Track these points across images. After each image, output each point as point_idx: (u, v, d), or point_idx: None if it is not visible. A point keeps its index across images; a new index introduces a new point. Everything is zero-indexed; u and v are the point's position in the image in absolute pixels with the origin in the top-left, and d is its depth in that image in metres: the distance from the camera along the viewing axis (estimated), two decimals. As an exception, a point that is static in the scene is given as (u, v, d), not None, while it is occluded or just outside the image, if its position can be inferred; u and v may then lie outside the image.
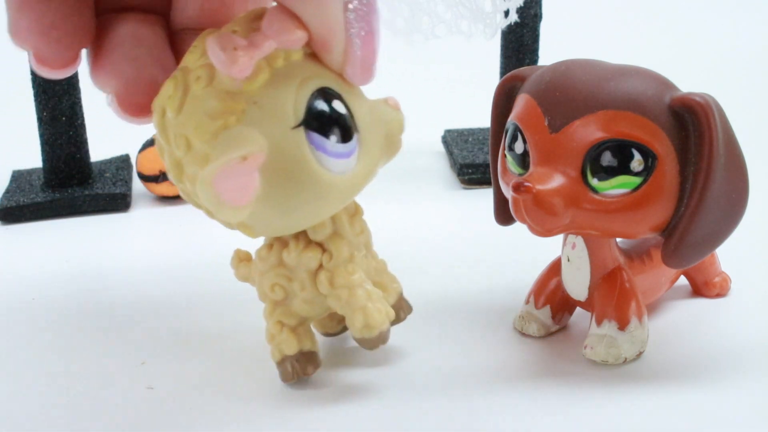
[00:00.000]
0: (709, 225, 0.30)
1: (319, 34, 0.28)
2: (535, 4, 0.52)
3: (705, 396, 0.31)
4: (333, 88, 0.28)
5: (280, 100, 0.27)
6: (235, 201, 0.26)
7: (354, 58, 0.28)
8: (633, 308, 0.33)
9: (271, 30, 0.27)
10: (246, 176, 0.26)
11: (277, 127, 0.27)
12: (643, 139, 0.29)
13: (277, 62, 0.27)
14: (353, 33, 0.28)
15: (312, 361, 0.32)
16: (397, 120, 0.30)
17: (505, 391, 0.32)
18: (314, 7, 0.27)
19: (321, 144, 0.28)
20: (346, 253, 0.31)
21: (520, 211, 0.30)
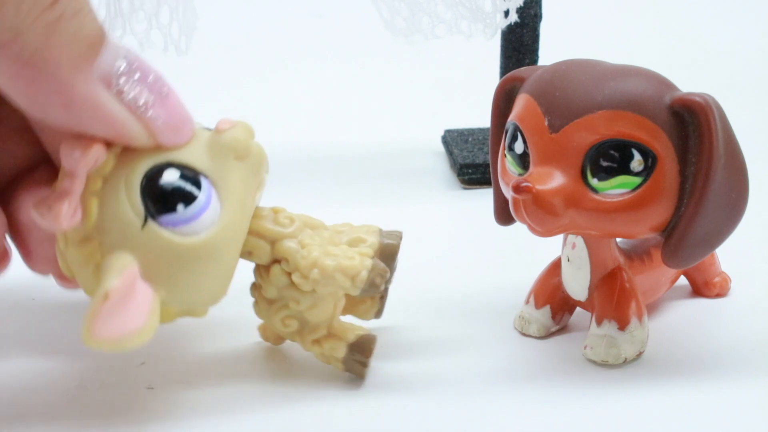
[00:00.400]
0: (709, 225, 0.30)
1: (115, 135, 0.28)
2: (535, 4, 0.52)
3: (705, 396, 0.31)
4: (158, 162, 0.28)
5: (119, 214, 0.28)
6: (129, 328, 0.27)
7: (159, 129, 0.28)
8: (633, 308, 0.33)
9: (72, 164, 0.27)
10: (123, 304, 0.27)
11: (130, 237, 0.28)
12: (643, 139, 0.29)
13: (96, 184, 0.28)
14: (142, 110, 0.28)
15: (365, 343, 0.32)
16: (232, 138, 0.29)
17: (505, 391, 0.32)
18: (94, 117, 0.27)
19: (175, 220, 0.28)
20: (293, 246, 0.31)
21: (520, 212, 0.30)
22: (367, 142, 0.61)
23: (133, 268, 0.28)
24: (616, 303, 0.33)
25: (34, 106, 0.27)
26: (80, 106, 0.27)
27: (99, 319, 0.26)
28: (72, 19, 0.26)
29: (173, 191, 0.28)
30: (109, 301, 0.26)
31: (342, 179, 0.55)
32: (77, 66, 0.26)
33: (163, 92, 0.28)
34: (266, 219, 0.31)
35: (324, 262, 0.30)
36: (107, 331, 0.26)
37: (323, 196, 0.52)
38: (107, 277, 0.27)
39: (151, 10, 0.48)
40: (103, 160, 0.28)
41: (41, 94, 0.26)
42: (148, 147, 0.28)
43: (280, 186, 0.54)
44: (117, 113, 0.27)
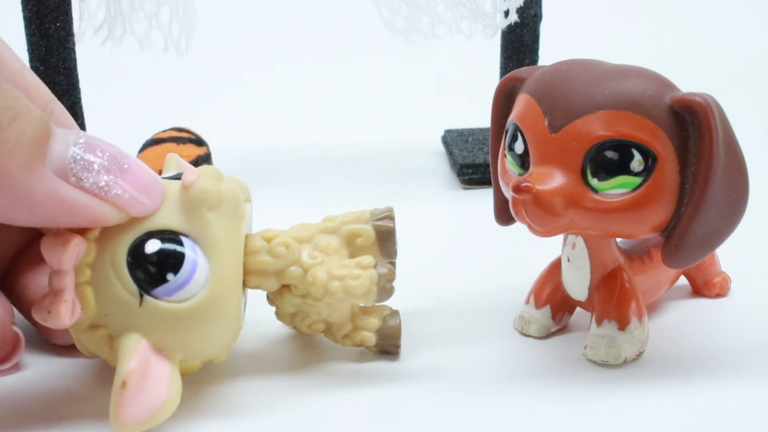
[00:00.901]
0: (709, 225, 0.30)
1: (86, 223, 0.28)
2: (535, 4, 0.52)
3: (705, 396, 0.31)
4: (137, 236, 0.29)
5: (115, 297, 0.29)
6: (155, 405, 0.28)
7: (128, 203, 0.28)
8: (633, 308, 0.33)
9: (55, 262, 0.28)
10: (142, 385, 0.28)
11: (132, 316, 0.29)
12: (643, 139, 0.29)
13: (85, 274, 0.29)
14: (106, 191, 0.28)
15: (392, 328, 0.33)
16: (199, 191, 0.29)
17: (505, 391, 0.32)
18: (59, 212, 0.27)
19: (168, 289, 0.29)
20: (297, 272, 0.31)
21: (520, 212, 0.30)
22: (367, 142, 0.61)
23: (143, 345, 0.28)
24: (616, 303, 0.33)
25: (1, 216, 0.27)
26: (44, 206, 0.27)
27: (124, 406, 0.27)
28: (9, 127, 0.26)
29: (159, 261, 0.29)
30: (129, 387, 0.27)
31: (342, 179, 0.55)
32: (29, 169, 0.26)
33: (122, 166, 0.28)
34: (262, 253, 0.31)
35: (332, 287, 0.31)
36: (135, 415, 0.27)
37: (323, 195, 0.52)
38: (120, 363, 0.28)
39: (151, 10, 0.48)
40: (85, 250, 0.28)
41: (2, 206, 0.27)
42: (123, 221, 0.29)
43: (281, 186, 0.54)
44: (82, 202, 0.27)
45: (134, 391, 0.27)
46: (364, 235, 0.32)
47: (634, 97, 0.29)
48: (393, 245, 0.33)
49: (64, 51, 0.48)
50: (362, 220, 0.33)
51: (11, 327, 0.32)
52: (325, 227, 0.32)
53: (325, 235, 0.32)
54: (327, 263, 0.31)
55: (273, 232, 0.32)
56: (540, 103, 0.31)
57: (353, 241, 0.32)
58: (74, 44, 0.48)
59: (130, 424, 0.27)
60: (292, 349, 0.35)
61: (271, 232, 0.32)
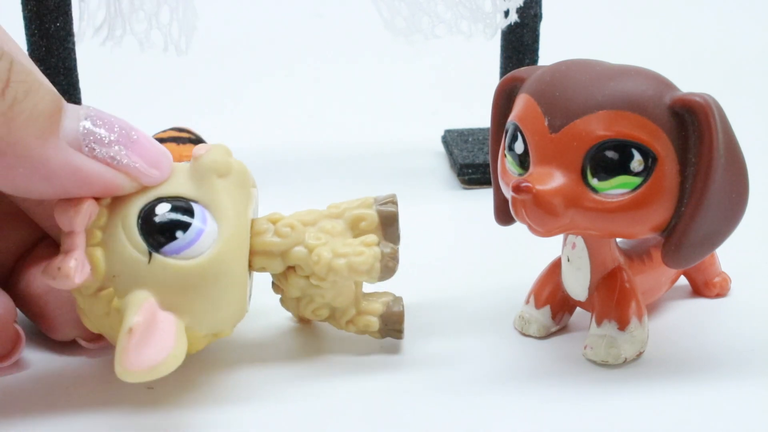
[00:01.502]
0: (709, 225, 0.30)
1: (100, 191, 0.29)
2: (535, 4, 0.52)
3: (705, 396, 0.31)
4: (147, 201, 0.30)
5: (125, 256, 0.29)
6: (161, 356, 0.28)
7: (139, 173, 0.29)
8: (633, 308, 0.33)
9: (67, 224, 0.29)
10: (148, 336, 0.28)
11: (141, 274, 0.29)
12: (643, 139, 0.29)
13: (96, 237, 0.29)
14: (118, 161, 0.29)
15: (395, 313, 0.34)
16: (210, 160, 0.31)
17: (505, 391, 0.32)
18: (75, 182, 0.28)
19: (177, 247, 0.29)
20: (302, 252, 0.32)
21: (520, 212, 0.30)
22: (367, 142, 0.61)
23: (150, 300, 0.29)
24: (616, 303, 0.33)
25: (18, 189, 0.28)
26: (60, 175, 0.28)
27: (128, 353, 0.27)
28: (24, 100, 0.27)
29: (169, 221, 0.29)
30: (134, 335, 0.27)
31: (342, 179, 0.55)
32: (44, 140, 0.27)
33: (132, 138, 0.29)
34: (267, 233, 0.32)
35: (336, 264, 0.31)
36: (140, 363, 0.27)
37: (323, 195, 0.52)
38: (128, 314, 0.28)
39: (151, 10, 0.48)
40: (97, 212, 0.29)
41: (20, 177, 0.27)
42: (136, 190, 0.30)
43: (280, 186, 0.54)
44: (96, 171, 0.28)
45: (140, 340, 0.28)
46: (368, 219, 0.33)
47: (634, 97, 0.29)
48: (396, 230, 0.33)
49: (64, 51, 0.48)
50: (366, 206, 0.33)
51: (13, 324, 0.32)
52: (329, 213, 0.33)
53: (330, 220, 0.33)
54: (331, 243, 0.32)
55: (278, 215, 0.32)
56: (540, 103, 0.31)
57: (357, 225, 0.33)
58: (74, 44, 0.48)
59: (134, 371, 0.27)
60: (295, 340, 0.35)
61: (276, 215, 0.32)
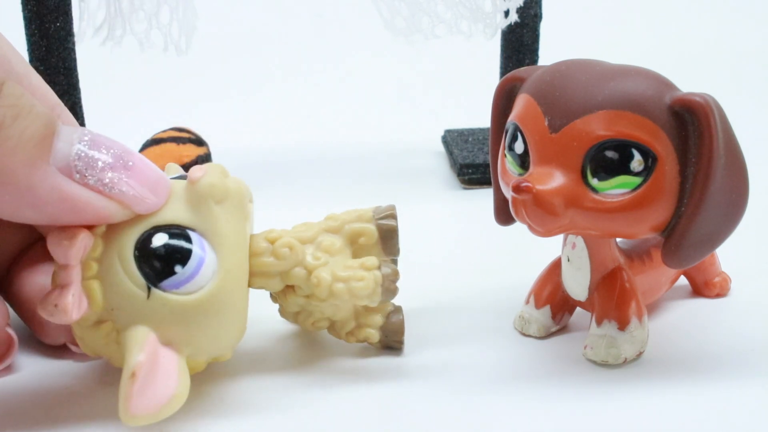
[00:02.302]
0: (709, 225, 0.30)
1: (91, 220, 0.28)
2: (535, 4, 0.52)
3: (705, 396, 0.31)
4: (143, 230, 0.29)
5: (122, 290, 0.28)
6: (165, 397, 0.28)
7: (133, 200, 0.28)
8: (633, 308, 0.33)
9: (62, 257, 0.28)
10: (151, 377, 0.28)
11: (140, 309, 0.28)
12: (643, 139, 0.29)
13: (92, 269, 0.29)
14: (110, 188, 0.28)
15: (395, 325, 0.33)
16: (206, 185, 0.29)
17: (505, 391, 0.32)
18: (64, 209, 0.27)
19: (176, 282, 0.29)
20: (301, 273, 0.31)
21: (520, 212, 0.30)
22: (367, 142, 0.61)
23: (151, 338, 0.28)
24: (616, 303, 0.33)
25: (4, 214, 0.27)
26: (47, 202, 0.27)
27: (133, 398, 0.27)
28: (12, 125, 0.26)
29: (167, 254, 0.29)
30: (138, 379, 0.27)
31: (342, 179, 0.55)
32: (32, 166, 0.26)
33: (127, 163, 0.28)
34: (265, 255, 0.31)
35: (337, 289, 0.31)
36: (144, 408, 0.27)
37: (323, 195, 0.52)
38: (129, 356, 0.28)
39: (151, 10, 0.48)
40: (92, 244, 0.28)
41: (7, 203, 0.27)
42: (129, 218, 0.29)
43: (280, 186, 0.54)
44: (86, 199, 0.27)
45: (143, 382, 0.27)
46: (367, 234, 0.33)
47: (634, 97, 0.29)
48: (395, 243, 0.33)
49: (64, 51, 0.48)
50: (365, 219, 0.33)
51: (5, 329, 0.32)
52: (327, 226, 0.33)
53: (329, 235, 0.32)
54: (331, 264, 0.31)
55: (276, 233, 0.32)
56: (540, 103, 0.31)
57: (356, 240, 0.33)
58: (74, 44, 0.48)
59: (139, 416, 0.27)
60: (295, 347, 0.35)
61: (274, 233, 0.32)
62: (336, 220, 0.33)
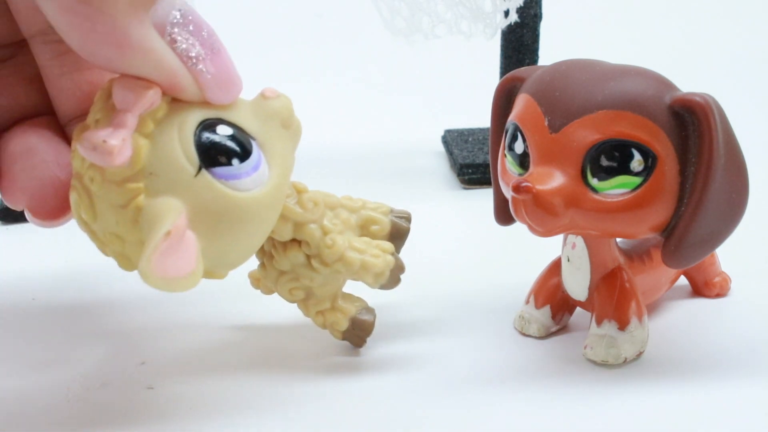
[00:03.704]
0: (709, 225, 0.30)
1: (164, 83, 0.28)
2: (535, 4, 0.52)
3: (705, 396, 0.31)
4: (209, 117, 0.29)
5: (171, 159, 0.28)
6: (183, 270, 0.27)
7: (207, 84, 0.28)
8: (633, 308, 0.33)
9: (125, 103, 0.27)
10: (178, 246, 0.27)
11: (181, 184, 0.28)
12: (643, 139, 0.29)
13: (148, 127, 0.28)
14: (193, 62, 0.28)
15: (366, 323, 0.33)
16: (280, 105, 0.30)
17: (505, 391, 0.32)
18: (146, 62, 0.27)
19: (228, 173, 0.28)
20: (317, 232, 0.31)
21: (520, 212, 0.30)
22: (367, 142, 0.61)
23: (184, 213, 0.28)
24: (616, 303, 0.33)
25: (86, 43, 0.27)
26: (132, 48, 0.27)
27: (158, 256, 0.26)
28: None
29: (228, 146, 0.28)
30: (170, 240, 0.26)
31: (342, 179, 0.55)
32: (133, 8, 0.26)
33: (215, 48, 0.29)
34: (290, 199, 0.31)
35: (350, 257, 0.31)
36: (164, 270, 0.26)
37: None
38: (166, 217, 0.27)
39: (151, 10, 0.48)
40: (158, 104, 0.28)
41: (95, 33, 0.26)
42: (194, 101, 0.29)
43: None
44: (168, 61, 0.28)
45: (170, 246, 0.27)
46: (381, 225, 0.33)
47: (634, 97, 0.29)
48: (401, 245, 0.34)
49: (64, 51, 0.48)
50: (382, 212, 0.34)
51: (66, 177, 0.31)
52: (347, 204, 0.33)
53: (346, 211, 0.33)
54: (347, 234, 0.32)
55: (304, 186, 0.32)
56: (540, 103, 0.31)
57: (368, 226, 0.33)
58: (74, 44, 0.48)
59: (158, 275, 0.26)
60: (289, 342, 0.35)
61: (302, 185, 0.32)
62: (355, 201, 0.33)
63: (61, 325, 0.37)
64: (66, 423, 0.30)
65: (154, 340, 0.36)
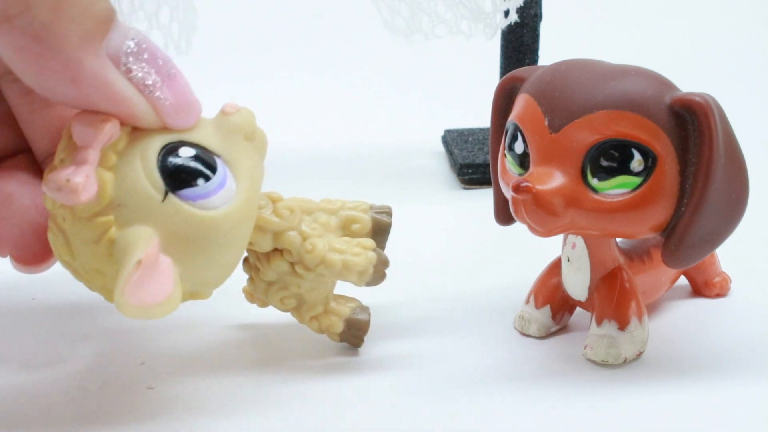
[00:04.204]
0: (709, 225, 0.30)
1: (123, 113, 0.28)
2: (535, 4, 0.52)
3: (705, 396, 0.31)
4: (171, 141, 0.29)
5: (137, 188, 0.28)
6: (160, 297, 0.27)
7: (166, 110, 0.28)
8: (633, 308, 0.33)
9: (85, 139, 0.27)
10: (152, 273, 0.27)
11: (150, 211, 0.28)
12: (643, 139, 0.29)
13: (110, 160, 0.28)
14: (150, 90, 0.28)
15: (361, 322, 0.33)
16: (242, 119, 0.30)
17: (505, 391, 0.32)
18: (102, 94, 0.27)
19: (195, 194, 0.28)
20: (296, 239, 0.32)
21: (520, 212, 0.30)
22: (367, 142, 0.61)
23: (155, 239, 0.28)
24: (616, 303, 0.33)
25: (41, 80, 0.27)
26: (88, 82, 0.27)
27: (131, 285, 0.26)
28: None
29: (191, 167, 0.28)
30: (142, 268, 0.26)
31: (342, 179, 0.55)
32: (86, 42, 0.26)
33: (171, 74, 0.29)
34: (266, 210, 0.32)
35: (331, 258, 0.31)
36: (140, 298, 0.27)
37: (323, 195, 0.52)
38: (137, 245, 0.27)
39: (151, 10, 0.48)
40: (117, 136, 0.28)
41: (49, 69, 0.26)
42: (155, 128, 0.29)
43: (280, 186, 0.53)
44: (124, 91, 0.28)
45: (144, 274, 0.27)
46: (362, 223, 0.33)
47: (634, 97, 0.29)
48: (384, 241, 0.34)
49: (64, 51, 0.48)
50: (362, 209, 0.34)
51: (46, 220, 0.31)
52: (324, 207, 0.33)
53: (325, 214, 0.33)
54: (327, 237, 0.32)
55: (278, 195, 0.32)
56: (540, 103, 0.31)
57: (349, 226, 0.33)
58: (74, 44, 0.48)
59: (134, 305, 0.26)
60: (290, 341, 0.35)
61: (276, 195, 0.32)
62: (334, 203, 0.33)
63: (61, 325, 0.37)
64: (66, 423, 0.30)
65: (154, 340, 0.36)
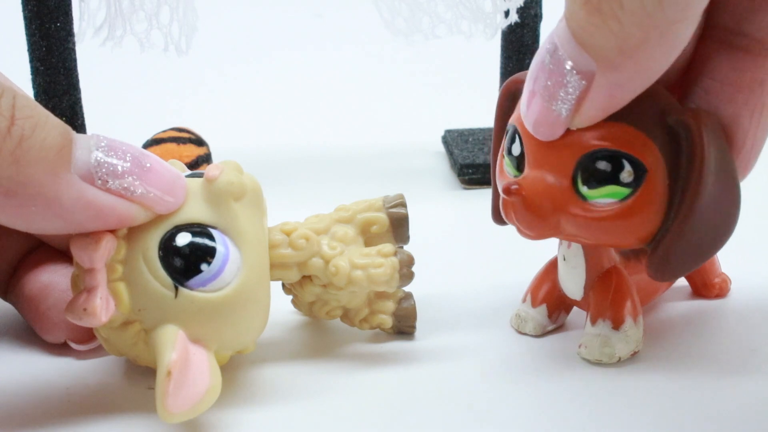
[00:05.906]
0: (696, 240, 0.30)
1: (114, 224, 0.28)
2: (535, 4, 0.52)
3: (703, 396, 0.31)
4: (166, 230, 0.29)
5: (149, 290, 0.29)
6: (200, 393, 0.28)
7: (154, 201, 0.29)
8: (628, 308, 0.33)
9: (86, 262, 0.28)
10: (184, 377, 0.28)
11: (167, 308, 0.29)
12: (635, 151, 0.29)
13: (117, 271, 0.29)
14: (131, 192, 0.28)
15: (407, 311, 0.34)
16: (226, 183, 0.30)
17: (500, 389, 0.32)
18: (89, 216, 0.28)
19: (202, 280, 0.29)
20: (319, 263, 0.32)
21: (510, 214, 0.30)
22: (367, 143, 0.61)
23: (180, 336, 0.28)
24: (611, 302, 0.33)
25: (32, 226, 0.27)
26: (73, 211, 0.27)
27: (170, 396, 0.27)
28: (32, 136, 0.26)
29: (192, 252, 0.29)
30: (173, 377, 0.27)
31: (342, 179, 0.55)
32: (56, 175, 0.27)
33: (144, 166, 0.29)
34: (282, 246, 0.32)
35: (356, 276, 0.32)
36: (181, 405, 0.27)
37: (323, 196, 0.52)
38: (163, 355, 0.28)
39: (151, 10, 0.48)
40: (115, 247, 0.29)
41: (33, 215, 0.27)
42: (149, 220, 0.29)
43: (280, 186, 0.54)
44: (110, 204, 0.28)
45: (178, 380, 0.27)
46: (379, 222, 0.33)
47: (629, 108, 0.29)
48: (406, 231, 0.34)
49: (64, 51, 0.48)
50: (375, 208, 0.34)
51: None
52: (339, 217, 0.33)
53: (341, 225, 0.33)
54: (347, 253, 0.32)
55: (291, 225, 0.32)
56: (538, 106, 0.31)
57: (368, 229, 0.33)
58: (74, 44, 0.48)
59: (177, 413, 0.27)
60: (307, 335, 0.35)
61: (289, 225, 0.32)
62: (347, 210, 0.33)
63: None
64: (66, 423, 0.30)
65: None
